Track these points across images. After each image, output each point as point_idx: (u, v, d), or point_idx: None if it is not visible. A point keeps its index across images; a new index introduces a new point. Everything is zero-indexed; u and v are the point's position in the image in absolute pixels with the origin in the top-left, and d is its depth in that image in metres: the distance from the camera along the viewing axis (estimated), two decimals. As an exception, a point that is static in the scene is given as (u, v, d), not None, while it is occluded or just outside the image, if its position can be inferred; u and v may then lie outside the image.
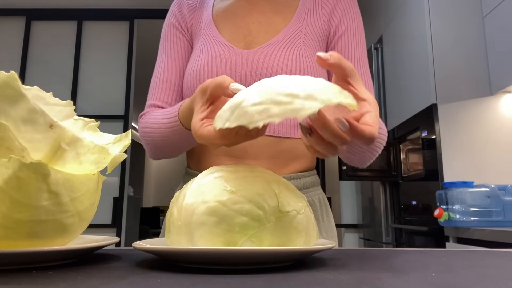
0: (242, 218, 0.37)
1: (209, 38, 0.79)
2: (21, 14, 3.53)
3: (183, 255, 0.37)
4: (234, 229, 0.37)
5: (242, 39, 0.77)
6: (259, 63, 0.73)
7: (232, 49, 0.75)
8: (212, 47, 0.77)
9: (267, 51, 0.74)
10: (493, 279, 0.34)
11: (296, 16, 0.79)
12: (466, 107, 2.01)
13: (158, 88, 0.80)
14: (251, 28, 0.78)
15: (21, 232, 0.37)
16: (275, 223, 0.38)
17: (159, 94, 0.79)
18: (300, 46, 0.75)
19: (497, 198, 1.68)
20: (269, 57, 0.73)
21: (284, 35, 0.76)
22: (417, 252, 0.54)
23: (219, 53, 0.75)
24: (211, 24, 0.81)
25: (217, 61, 0.74)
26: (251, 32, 0.78)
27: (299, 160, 0.75)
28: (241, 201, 0.38)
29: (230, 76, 0.72)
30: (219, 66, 0.74)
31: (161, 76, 0.81)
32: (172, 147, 0.73)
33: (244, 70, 0.73)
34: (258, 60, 0.73)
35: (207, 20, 0.82)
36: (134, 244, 0.42)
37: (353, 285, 0.29)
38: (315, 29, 0.78)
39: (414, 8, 2.27)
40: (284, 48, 0.74)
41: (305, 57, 0.74)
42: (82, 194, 0.40)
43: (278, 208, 0.39)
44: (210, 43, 0.78)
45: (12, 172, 0.35)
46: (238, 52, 0.75)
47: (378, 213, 2.73)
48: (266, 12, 0.80)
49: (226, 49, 0.76)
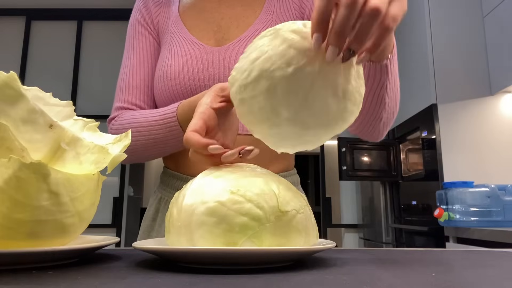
0: (242, 218, 0.37)
1: (177, 36, 0.76)
2: (21, 14, 3.53)
3: (183, 255, 0.37)
4: (234, 229, 0.37)
5: (212, 35, 0.75)
6: (231, 61, 0.70)
7: (202, 47, 0.73)
8: (181, 46, 0.74)
9: (238, 47, 0.71)
10: (493, 279, 0.34)
11: (265, 8, 0.76)
12: (466, 107, 2.01)
13: (126, 90, 0.76)
14: (220, 24, 0.76)
15: (21, 232, 0.37)
16: (274, 223, 0.38)
17: (127, 96, 0.75)
18: None
19: (497, 198, 1.68)
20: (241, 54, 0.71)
21: (254, 28, 0.73)
22: (417, 252, 0.54)
23: (189, 52, 0.72)
24: (179, 21, 0.78)
25: (188, 60, 0.72)
26: (220, 28, 0.75)
27: (281, 160, 0.74)
28: (240, 201, 0.38)
29: (202, 76, 0.70)
30: (190, 66, 0.71)
31: (128, 77, 0.76)
32: (155, 149, 0.69)
33: (216, 69, 0.70)
34: (230, 57, 0.71)
35: (174, 17, 0.79)
36: (134, 244, 0.42)
37: (353, 285, 0.29)
38: (287, 19, 0.75)
39: (414, 8, 2.27)
40: None
41: None
42: (82, 194, 0.40)
43: (278, 207, 0.39)
44: (179, 41, 0.75)
45: (12, 172, 0.35)
46: (209, 50, 0.72)
47: (378, 213, 2.73)
48: (235, 6, 0.77)
49: (196, 47, 0.73)
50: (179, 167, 0.75)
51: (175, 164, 0.76)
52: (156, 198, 0.79)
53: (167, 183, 0.77)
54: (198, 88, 0.70)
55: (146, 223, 0.78)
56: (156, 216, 0.78)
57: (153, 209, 0.78)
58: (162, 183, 0.79)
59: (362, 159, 2.54)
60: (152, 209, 0.79)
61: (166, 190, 0.77)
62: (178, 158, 0.75)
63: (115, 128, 0.73)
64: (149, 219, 0.78)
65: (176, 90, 0.71)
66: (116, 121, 0.74)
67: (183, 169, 0.74)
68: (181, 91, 0.70)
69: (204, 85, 0.70)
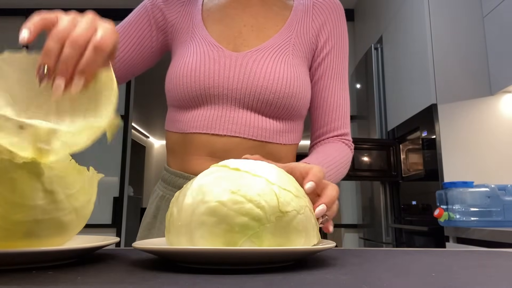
0: (242, 218, 0.37)
1: (198, 37, 0.78)
2: (21, 14, 3.53)
3: (183, 255, 0.37)
4: (234, 229, 0.37)
5: (232, 40, 0.77)
6: (248, 67, 0.73)
7: (221, 50, 0.75)
8: (201, 47, 0.76)
9: (256, 55, 0.74)
10: (493, 279, 0.34)
11: (287, 25, 0.80)
12: (466, 107, 2.01)
13: None
14: (241, 30, 0.78)
15: (19, 232, 0.37)
16: (275, 223, 0.38)
17: None
18: (288, 54, 0.76)
19: (497, 198, 1.68)
20: (258, 62, 0.73)
21: (274, 41, 0.77)
22: (417, 252, 0.54)
23: (208, 53, 0.75)
24: (201, 24, 0.80)
25: (206, 60, 0.74)
26: (241, 34, 0.78)
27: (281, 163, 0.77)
28: (241, 201, 0.38)
29: (217, 77, 0.73)
30: (207, 66, 0.73)
31: None
32: None
33: (231, 72, 0.73)
34: (247, 63, 0.73)
35: (196, 19, 0.81)
36: (134, 244, 0.42)
37: (353, 285, 0.29)
38: (304, 41, 0.80)
39: (414, 8, 2.27)
40: (273, 55, 0.75)
41: (293, 65, 0.75)
42: (77, 190, 0.40)
43: (278, 208, 0.39)
44: (199, 42, 0.77)
45: (5, 174, 0.35)
46: (227, 53, 0.75)
47: (378, 213, 2.73)
48: (258, 16, 0.80)
49: (215, 49, 0.75)
50: (183, 166, 0.76)
51: (178, 163, 0.77)
52: (157, 196, 0.80)
53: (169, 181, 0.78)
54: (212, 88, 0.72)
55: (147, 221, 0.79)
56: (157, 213, 0.78)
57: (154, 207, 0.79)
58: (164, 181, 0.79)
59: (362, 159, 2.54)
60: (153, 207, 0.79)
61: (168, 188, 0.78)
62: (182, 157, 0.76)
63: None
64: (150, 217, 0.79)
65: (191, 87, 0.73)
66: None
67: (187, 168, 0.75)
68: (195, 88, 0.73)
69: (218, 85, 0.72)
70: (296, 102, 0.74)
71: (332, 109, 0.79)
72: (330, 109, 0.79)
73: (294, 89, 0.73)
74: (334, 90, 0.80)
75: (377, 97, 2.76)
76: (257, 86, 0.72)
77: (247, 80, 0.72)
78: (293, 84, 0.73)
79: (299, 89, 0.74)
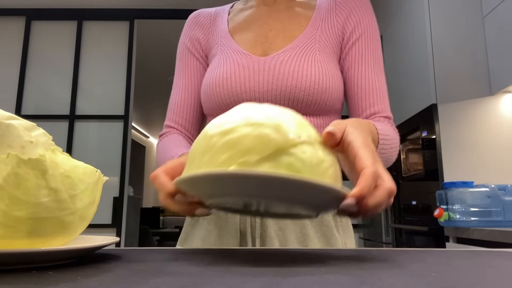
0: (260, 140, 0.38)
1: (226, 48, 0.82)
2: (21, 14, 3.53)
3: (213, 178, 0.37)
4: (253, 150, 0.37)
5: (260, 46, 0.81)
6: (276, 69, 0.75)
7: (249, 56, 0.79)
8: (230, 56, 0.80)
9: (283, 57, 0.76)
10: (493, 279, 0.34)
11: (311, 23, 0.82)
12: (466, 107, 2.01)
13: (173, 109, 0.85)
14: (268, 35, 0.82)
15: (22, 230, 0.37)
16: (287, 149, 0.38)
17: (174, 116, 0.85)
18: (315, 52, 0.77)
19: (497, 198, 1.68)
20: (285, 63, 0.76)
21: (299, 41, 0.79)
22: (417, 252, 0.54)
23: (237, 61, 0.78)
24: (228, 37, 0.84)
25: (235, 68, 0.77)
26: (268, 39, 0.81)
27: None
28: (260, 124, 0.39)
29: (248, 83, 0.76)
30: (237, 73, 0.77)
31: (176, 98, 0.86)
32: None
33: (261, 76, 0.75)
34: (274, 66, 0.76)
35: (223, 33, 0.86)
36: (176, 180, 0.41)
37: (353, 285, 0.29)
38: (330, 36, 0.81)
39: (414, 8, 2.27)
40: (300, 54, 0.77)
41: (320, 62, 0.76)
42: (81, 191, 0.40)
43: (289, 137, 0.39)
44: (228, 52, 0.81)
45: (11, 169, 0.35)
46: (256, 59, 0.78)
47: (378, 213, 2.73)
48: (282, 19, 0.83)
49: (244, 57, 0.79)
50: None
51: None
52: None
53: None
54: (244, 94, 0.76)
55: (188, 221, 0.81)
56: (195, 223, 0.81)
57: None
58: None
59: (362, 159, 2.53)
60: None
61: None
62: None
63: (158, 146, 0.84)
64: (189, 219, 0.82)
65: (224, 96, 0.77)
66: (162, 139, 0.84)
67: None
68: (228, 96, 0.77)
69: (249, 90, 0.76)
70: (327, 97, 0.74)
71: (367, 94, 0.77)
72: (366, 94, 0.77)
73: (323, 85, 0.74)
74: (367, 74, 0.78)
75: (377, 97, 2.76)
76: (287, 86, 0.74)
77: (277, 81, 0.74)
78: (322, 80, 0.74)
79: (328, 84, 0.74)
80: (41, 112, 3.38)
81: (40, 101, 3.41)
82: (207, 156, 0.39)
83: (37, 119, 3.15)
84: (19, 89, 3.40)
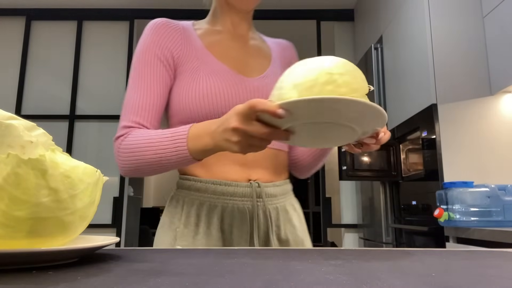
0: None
1: (210, 63, 0.85)
2: (21, 14, 3.53)
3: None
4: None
5: (242, 68, 0.87)
6: (264, 90, 0.85)
7: (236, 75, 0.85)
8: (217, 71, 0.84)
9: (266, 81, 0.87)
10: (493, 279, 0.34)
11: (273, 57, 0.96)
12: (466, 107, 2.01)
13: (134, 111, 0.80)
14: (247, 60, 0.90)
15: (22, 230, 0.37)
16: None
17: (135, 117, 0.80)
18: None
19: (497, 198, 1.68)
20: (270, 86, 0.84)
21: (272, 70, 0.92)
22: (417, 252, 0.54)
23: (226, 77, 0.83)
24: (207, 53, 0.87)
25: (227, 83, 0.82)
26: (248, 63, 0.89)
27: (285, 170, 0.92)
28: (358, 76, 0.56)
29: (236, 100, 0.82)
30: (229, 89, 0.82)
31: (138, 100, 0.81)
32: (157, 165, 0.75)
33: (250, 95, 0.83)
34: (263, 87, 0.86)
35: (199, 49, 0.87)
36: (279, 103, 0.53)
37: (353, 285, 0.29)
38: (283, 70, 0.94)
39: (414, 8, 2.27)
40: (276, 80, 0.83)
41: None
42: (81, 191, 0.40)
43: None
44: (213, 67, 0.84)
45: (11, 169, 0.35)
46: (244, 78, 0.85)
47: (378, 213, 2.73)
48: (252, 51, 0.94)
49: (231, 74, 0.84)
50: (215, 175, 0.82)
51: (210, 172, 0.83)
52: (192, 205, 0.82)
53: (204, 190, 0.82)
54: (225, 109, 0.80)
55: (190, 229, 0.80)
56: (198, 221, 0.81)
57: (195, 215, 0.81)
58: (198, 191, 0.82)
59: (362, 159, 2.53)
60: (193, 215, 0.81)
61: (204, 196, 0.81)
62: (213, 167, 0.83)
63: (124, 144, 0.77)
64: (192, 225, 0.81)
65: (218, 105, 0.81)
66: (126, 138, 0.78)
67: (219, 176, 0.82)
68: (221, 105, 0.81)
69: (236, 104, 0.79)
70: None
71: None
72: None
73: None
74: None
75: (377, 97, 2.76)
76: None
77: None
78: None
79: None
80: (41, 112, 3.38)
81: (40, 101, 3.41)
82: (329, 86, 0.52)
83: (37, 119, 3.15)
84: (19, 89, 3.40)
